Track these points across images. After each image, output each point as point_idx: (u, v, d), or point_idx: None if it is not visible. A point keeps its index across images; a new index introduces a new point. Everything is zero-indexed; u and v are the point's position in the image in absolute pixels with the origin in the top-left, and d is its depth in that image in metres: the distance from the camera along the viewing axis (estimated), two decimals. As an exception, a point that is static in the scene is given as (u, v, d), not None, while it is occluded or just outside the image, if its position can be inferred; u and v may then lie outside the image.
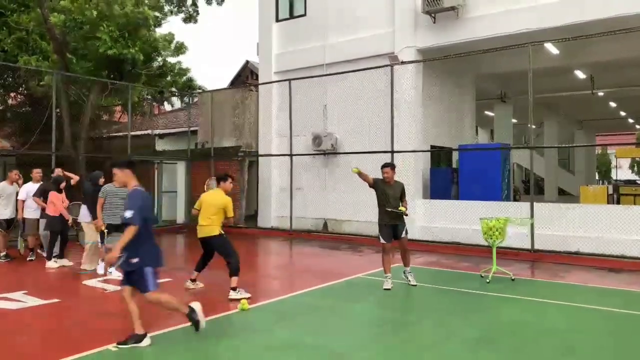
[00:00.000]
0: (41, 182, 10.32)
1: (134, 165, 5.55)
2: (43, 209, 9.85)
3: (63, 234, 9.85)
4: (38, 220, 10.21)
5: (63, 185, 10.02)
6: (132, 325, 5.22)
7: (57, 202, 9.68)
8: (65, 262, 9.79)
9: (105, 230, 8.63)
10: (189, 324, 5.79)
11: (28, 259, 10.23)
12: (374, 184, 7.92)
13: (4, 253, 10.35)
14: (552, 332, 5.66)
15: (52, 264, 9.59)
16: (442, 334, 5.64)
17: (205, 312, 6.47)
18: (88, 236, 9.36)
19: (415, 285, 7.97)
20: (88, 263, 9.27)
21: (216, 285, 8.05)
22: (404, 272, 8.12)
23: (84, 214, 9.40)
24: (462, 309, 6.74)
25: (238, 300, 6.80)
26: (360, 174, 7.75)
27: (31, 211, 10.14)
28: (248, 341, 5.38)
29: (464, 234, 11.63)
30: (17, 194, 10.43)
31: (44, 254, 10.14)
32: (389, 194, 7.84)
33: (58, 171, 10.57)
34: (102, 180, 9.33)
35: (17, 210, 10.34)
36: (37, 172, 10.56)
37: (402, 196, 7.95)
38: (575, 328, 5.91)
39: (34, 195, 9.94)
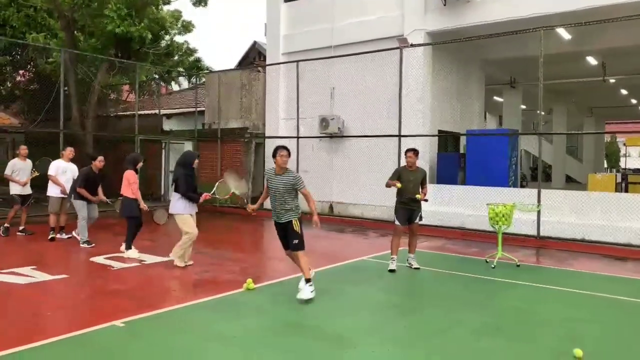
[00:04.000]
0: (86, 167, 9.66)
1: None
2: (83, 197, 9.36)
3: (138, 219, 8.76)
4: (62, 199, 9.95)
5: (140, 165, 8.90)
6: (137, 302, 5.27)
7: (135, 184, 8.62)
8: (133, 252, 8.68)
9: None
10: (193, 302, 5.88)
11: (49, 237, 9.94)
12: (399, 177, 7.90)
13: (22, 227, 10.56)
14: (556, 319, 5.66)
15: (132, 253, 8.55)
16: (446, 319, 5.66)
17: (210, 291, 6.56)
18: (185, 230, 7.81)
19: (419, 268, 7.99)
20: (178, 257, 7.91)
21: (220, 265, 8.10)
22: (408, 259, 8.14)
23: (177, 205, 7.77)
24: (467, 294, 6.76)
25: None
26: (392, 185, 7.87)
27: (55, 189, 9.91)
28: (252, 321, 5.43)
29: (470, 219, 11.62)
30: (31, 170, 10.59)
31: (63, 236, 10.09)
32: (410, 180, 7.83)
33: (69, 151, 10.26)
34: (197, 162, 7.95)
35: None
36: (70, 151, 10.26)
37: (423, 182, 7.95)
38: (580, 315, 5.91)
39: (78, 186, 9.34)
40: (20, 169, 10.47)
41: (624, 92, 22.30)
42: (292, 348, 4.68)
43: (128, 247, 8.60)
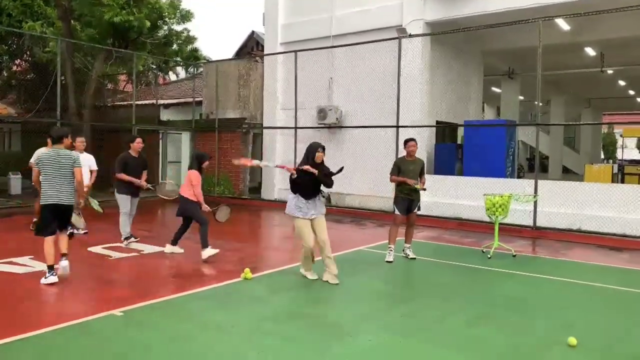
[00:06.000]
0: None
1: None
2: (132, 184, 8.49)
3: (188, 220, 8.04)
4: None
5: (206, 164, 8.02)
6: (135, 291, 5.30)
7: (198, 186, 7.75)
8: (176, 249, 8.20)
9: None
10: (191, 291, 5.92)
11: (67, 232, 9.73)
12: (399, 167, 7.91)
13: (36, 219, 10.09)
14: (551, 308, 5.72)
15: (209, 252, 7.66)
16: (442, 308, 5.71)
17: (208, 280, 6.60)
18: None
19: (415, 258, 8.04)
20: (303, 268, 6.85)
21: (218, 254, 8.12)
22: (404, 249, 8.19)
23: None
24: (463, 284, 6.81)
25: None
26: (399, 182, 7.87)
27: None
28: (250, 310, 5.46)
29: (467, 209, 11.67)
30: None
31: (78, 231, 9.36)
32: (409, 170, 7.84)
33: (80, 141, 9.44)
34: (320, 156, 6.47)
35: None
36: (80, 142, 9.47)
37: (421, 173, 7.96)
38: (575, 305, 5.97)
39: (116, 172, 8.45)
40: None
41: (622, 83, 22.32)
42: (290, 337, 4.72)
43: (206, 245, 7.67)
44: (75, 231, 9.64)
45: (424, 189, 7.95)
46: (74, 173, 6.36)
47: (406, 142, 8.05)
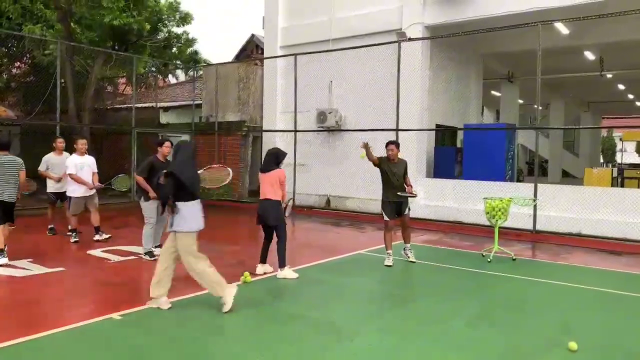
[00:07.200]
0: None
1: None
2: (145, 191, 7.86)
3: (271, 230, 7.37)
4: (86, 198, 9.21)
5: (282, 162, 7.31)
6: (134, 295, 5.29)
7: (285, 185, 7.28)
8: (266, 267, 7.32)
9: None
10: (191, 295, 5.89)
11: (72, 240, 9.13)
12: (379, 163, 7.92)
13: (51, 226, 9.84)
14: (550, 311, 5.71)
15: (290, 273, 7.00)
16: (442, 310, 5.70)
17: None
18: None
19: (415, 262, 8.03)
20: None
21: (217, 258, 8.11)
22: (404, 249, 8.19)
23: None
24: (463, 287, 6.79)
25: None
26: (368, 154, 7.74)
27: (77, 188, 9.08)
28: (250, 313, 5.45)
29: (466, 213, 11.66)
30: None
31: (103, 236, 9.27)
32: (393, 172, 7.85)
33: (82, 144, 9.23)
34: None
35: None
36: (82, 144, 9.26)
37: (405, 174, 7.96)
38: (574, 308, 5.96)
39: (136, 173, 8.10)
40: (55, 164, 9.48)
41: (621, 87, 22.34)
42: (291, 339, 4.71)
43: (284, 264, 7.10)
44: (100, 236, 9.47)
45: (415, 195, 7.97)
46: (19, 176, 7.57)
47: (386, 145, 8.00)
